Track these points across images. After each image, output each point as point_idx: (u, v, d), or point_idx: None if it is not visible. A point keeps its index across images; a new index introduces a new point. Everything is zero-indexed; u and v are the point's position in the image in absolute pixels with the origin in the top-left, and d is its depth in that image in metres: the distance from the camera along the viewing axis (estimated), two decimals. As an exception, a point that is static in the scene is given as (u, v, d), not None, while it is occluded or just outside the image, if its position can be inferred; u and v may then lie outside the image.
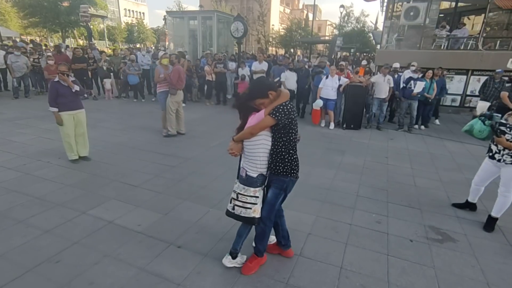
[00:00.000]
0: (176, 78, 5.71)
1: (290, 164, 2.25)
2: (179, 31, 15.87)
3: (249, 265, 2.52)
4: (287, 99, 2.20)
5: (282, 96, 2.20)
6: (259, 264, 2.56)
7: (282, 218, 2.62)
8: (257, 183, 2.30)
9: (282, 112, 2.11)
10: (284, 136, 2.20)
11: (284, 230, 2.64)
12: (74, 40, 31.76)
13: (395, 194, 4.04)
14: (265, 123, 2.15)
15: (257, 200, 2.29)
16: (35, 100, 9.30)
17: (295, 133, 2.26)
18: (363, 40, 33.36)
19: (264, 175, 2.33)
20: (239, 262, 2.56)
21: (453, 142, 6.67)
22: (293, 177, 2.31)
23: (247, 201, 2.28)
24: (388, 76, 7.19)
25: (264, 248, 2.53)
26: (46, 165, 4.50)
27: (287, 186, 2.32)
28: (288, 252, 2.71)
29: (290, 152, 2.25)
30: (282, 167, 2.24)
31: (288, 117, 2.14)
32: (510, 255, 2.87)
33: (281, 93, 2.22)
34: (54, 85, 4.30)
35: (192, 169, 4.58)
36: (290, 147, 2.24)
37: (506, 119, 3.03)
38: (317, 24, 54.88)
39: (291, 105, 2.19)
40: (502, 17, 12.72)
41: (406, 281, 2.47)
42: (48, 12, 25.22)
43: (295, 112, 2.23)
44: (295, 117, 2.24)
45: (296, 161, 2.30)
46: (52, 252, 2.63)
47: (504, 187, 3.11)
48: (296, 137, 2.28)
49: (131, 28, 44.85)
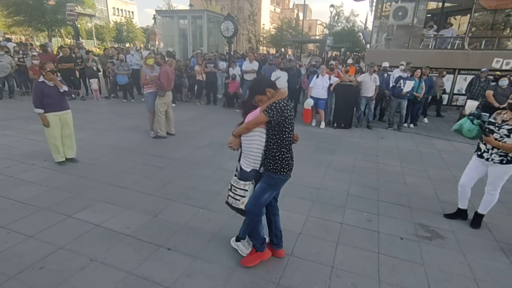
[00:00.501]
0: (166, 80, 5.59)
1: (281, 162, 2.26)
2: (169, 31, 15.72)
3: (248, 257, 2.57)
4: (283, 97, 2.24)
5: (278, 94, 2.25)
6: (258, 258, 2.57)
7: (276, 216, 2.63)
8: (249, 178, 2.36)
9: (275, 110, 2.13)
10: (277, 134, 2.21)
11: (277, 229, 2.64)
12: (61, 39, 31.04)
13: (386, 193, 4.07)
14: (259, 119, 2.20)
15: (245, 193, 2.36)
16: (20, 101, 9.04)
17: (289, 132, 2.25)
18: (353, 40, 33.69)
19: (258, 170, 2.36)
20: (242, 250, 2.63)
21: (441, 140, 6.78)
22: (282, 175, 2.30)
23: (237, 193, 2.37)
24: (374, 75, 7.27)
25: (260, 243, 2.53)
26: (31, 167, 4.37)
27: (275, 183, 2.32)
28: (279, 252, 2.69)
29: (282, 151, 2.25)
30: (273, 164, 2.27)
31: (281, 115, 2.15)
32: (497, 251, 2.92)
33: (279, 91, 2.27)
34: (38, 85, 4.16)
35: (182, 170, 4.52)
36: (282, 146, 2.25)
37: (494, 118, 3.07)
38: (308, 24, 55.13)
39: (286, 103, 2.19)
40: (487, 18, 13.03)
41: (396, 279, 2.49)
42: (33, 10, 24.55)
43: (290, 111, 2.22)
44: (291, 116, 2.23)
45: (287, 160, 2.29)
46: (35, 258, 2.54)
47: (492, 186, 3.15)
48: (290, 136, 2.28)
49: (120, 27, 44.17)
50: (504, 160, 2.96)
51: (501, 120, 2.99)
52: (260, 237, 2.51)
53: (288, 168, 2.32)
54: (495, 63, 8.71)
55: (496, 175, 3.08)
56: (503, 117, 2.99)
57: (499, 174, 3.06)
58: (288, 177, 2.37)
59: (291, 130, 2.27)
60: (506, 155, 2.95)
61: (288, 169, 2.32)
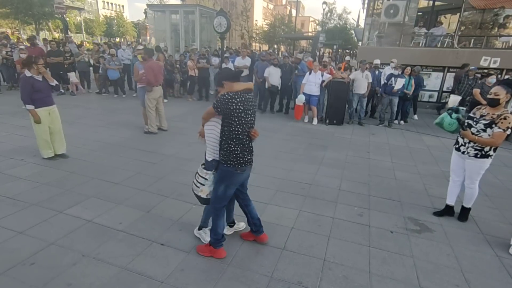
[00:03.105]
0: (152, 76, 5.58)
1: (228, 154, 2.31)
2: (160, 25, 15.48)
3: (203, 246, 2.63)
4: (240, 89, 2.28)
5: (233, 86, 2.29)
6: (210, 253, 2.58)
7: (249, 207, 2.71)
8: (210, 168, 2.46)
9: (219, 102, 2.21)
10: (226, 125, 2.27)
11: (254, 218, 2.72)
12: (49, 32, 30.28)
13: (376, 188, 4.15)
14: (209, 110, 2.32)
15: (205, 182, 2.45)
16: (7, 95, 8.83)
17: (236, 125, 2.25)
18: (345, 37, 33.88)
19: (218, 161, 2.43)
20: (204, 238, 2.73)
21: (429, 136, 6.91)
22: (230, 167, 2.33)
23: (198, 180, 2.49)
24: (366, 72, 7.35)
25: (215, 238, 2.53)
26: (20, 163, 4.29)
27: (225, 175, 2.37)
28: (262, 237, 2.77)
29: (229, 143, 2.29)
30: (222, 155, 2.35)
31: (226, 107, 2.19)
32: (482, 243, 3.02)
33: (236, 84, 2.30)
34: (28, 80, 4.02)
35: (174, 166, 4.50)
36: (230, 138, 2.28)
37: (474, 113, 3.15)
38: (300, 20, 55.11)
39: (233, 96, 2.20)
40: (476, 17, 13.24)
41: (387, 271, 2.55)
42: (20, 2, 23.82)
43: (238, 105, 2.20)
44: (239, 110, 2.21)
45: (234, 154, 2.30)
46: (26, 254, 2.51)
47: (469, 180, 3.22)
48: (238, 130, 2.26)
49: (110, 21, 43.33)
50: (478, 154, 3.03)
51: (479, 114, 3.06)
52: (216, 233, 2.52)
53: (236, 161, 2.31)
54: (483, 61, 8.89)
55: (471, 169, 3.15)
56: (482, 112, 3.06)
57: (475, 168, 3.13)
58: (237, 171, 2.35)
59: (240, 123, 2.25)
60: (481, 150, 3.01)
61: (237, 162, 2.32)
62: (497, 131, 2.87)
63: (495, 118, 2.89)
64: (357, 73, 7.49)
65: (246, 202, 2.71)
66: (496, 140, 2.88)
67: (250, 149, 2.41)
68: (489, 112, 2.99)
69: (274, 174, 4.37)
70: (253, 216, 2.72)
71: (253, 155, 2.50)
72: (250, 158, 2.42)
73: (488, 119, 2.94)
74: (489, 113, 2.98)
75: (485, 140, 2.93)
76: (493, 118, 2.91)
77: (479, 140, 2.96)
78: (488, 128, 2.92)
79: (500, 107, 2.95)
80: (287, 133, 6.61)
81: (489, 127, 2.92)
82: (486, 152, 3.01)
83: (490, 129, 2.91)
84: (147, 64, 5.61)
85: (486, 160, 3.06)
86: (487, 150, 3.01)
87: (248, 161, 2.41)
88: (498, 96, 2.88)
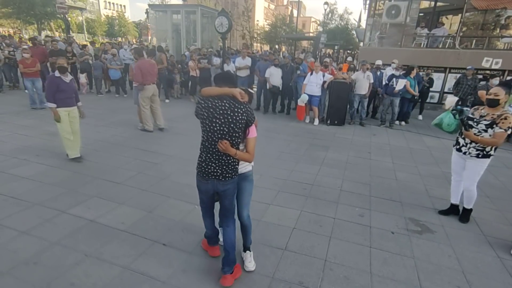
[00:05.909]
0: (139, 75, 5.66)
1: (198, 161, 2.23)
2: (162, 25, 15.52)
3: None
4: (210, 94, 2.10)
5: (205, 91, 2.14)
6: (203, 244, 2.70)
7: (223, 229, 2.34)
8: None
9: (196, 107, 2.14)
10: (201, 131, 2.15)
11: (225, 242, 2.34)
12: (51, 32, 30.37)
13: (377, 188, 4.15)
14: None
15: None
16: (9, 94, 8.86)
17: (203, 132, 2.12)
18: (346, 38, 33.82)
19: None
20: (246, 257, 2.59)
21: (430, 137, 6.91)
22: (198, 175, 2.23)
23: None
24: (367, 73, 7.35)
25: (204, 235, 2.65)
26: (23, 162, 4.31)
27: (197, 183, 2.27)
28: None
29: (201, 149, 2.20)
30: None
31: (195, 111, 2.14)
32: (484, 244, 3.02)
33: (212, 88, 2.14)
34: (54, 80, 4.13)
35: (176, 166, 4.52)
36: (201, 142, 2.18)
37: (472, 113, 3.17)
38: (302, 21, 55.08)
39: (200, 101, 2.09)
40: (477, 17, 13.22)
41: (388, 272, 2.56)
42: (22, 2, 23.95)
43: (203, 111, 2.06)
44: (203, 116, 2.07)
45: (199, 159, 2.21)
46: (29, 253, 2.53)
47: (468, 181, 3.23)
48: (203, 137, 2.13)
49: (111, 21, 43.43)
50: (480, 154, 3.06)
51: (479, 115, 3.08)
52: (205, 226, 2.54)
53: (198, 168, 2.20)
54: (485, 62, 8.89)
55: (472, 169, 3.17)
56: (481, 112, 3.08)
57: (476, 168, 3.14)
58: (200, 179, 2.21)
59: (205, 130, 2.10)
60: (483, 150, 3.04)
61: (198, 170, 2.20)
62: (498, 131, 2.89)
63: (496, 118, 2.92)
64: (358, 73, 7.49)
65: (222, 224, 2.35)
66: (498, 140, 2.91)
67: (219, 162, 2.10)
68: (488, 113, 3.01)
69: (277, 174, 4.38)
70: (225, 240, 2.32)
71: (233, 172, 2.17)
72: (216, 171, 2.11)
73: (489, 120, 2.96)
74: (489, 114, 3.00)
75: (487, 140, 2.96)
76: (493, 118, 2.93)
77: (482, 141, 2.98)
78: (489, 128, 2.94)
79: (499, 108, 2.98)
80: (289, 134, 6.62)
81: (490, 127, 2.94)
82: (488, 152, 3.04)
83: (491, 129, 2.94)
84: (136, 63, 5.78)
85: (487, 160, 3.09)
86: (488, 150, 3.03)
87: (212, 173, 2.12)
88: (498, 97, 2.91)
